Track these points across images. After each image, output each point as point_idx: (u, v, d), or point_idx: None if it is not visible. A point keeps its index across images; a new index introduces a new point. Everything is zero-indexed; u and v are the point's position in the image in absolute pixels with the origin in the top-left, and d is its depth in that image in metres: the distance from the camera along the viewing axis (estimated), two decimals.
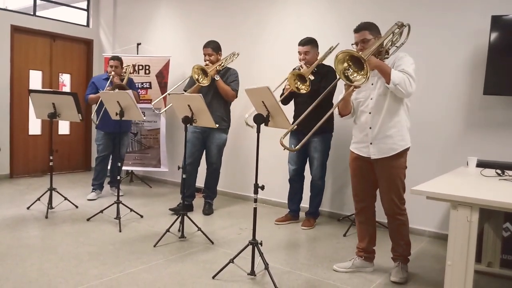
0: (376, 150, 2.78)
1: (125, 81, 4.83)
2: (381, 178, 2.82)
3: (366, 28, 2.78)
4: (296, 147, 2.64)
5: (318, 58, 3.90)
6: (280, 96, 3.83)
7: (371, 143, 2.79)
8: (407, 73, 2.61)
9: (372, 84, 2.78)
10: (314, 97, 3.79)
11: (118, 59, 4.89)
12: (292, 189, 4.23)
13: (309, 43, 3.91)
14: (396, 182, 2.78)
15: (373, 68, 2.57)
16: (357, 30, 2.81)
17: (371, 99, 2.78)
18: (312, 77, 3.71)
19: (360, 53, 2.52)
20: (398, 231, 2.88)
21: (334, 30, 4.37)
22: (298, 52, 3.93)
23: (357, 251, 3.04)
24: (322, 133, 3.98)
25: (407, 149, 2.81)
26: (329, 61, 3.98)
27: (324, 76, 3.84)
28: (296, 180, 4.19)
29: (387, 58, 2.75)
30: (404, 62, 2.69)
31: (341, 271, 2.96)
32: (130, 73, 5.69)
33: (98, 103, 4.72)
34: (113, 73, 4.76)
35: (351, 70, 2.43)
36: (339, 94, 4.03)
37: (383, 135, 2.75)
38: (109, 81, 4.73)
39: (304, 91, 3.57)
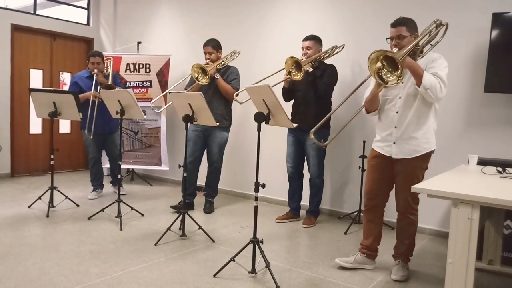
0: (398, 150, 2.75)
1: (110, 78, 4.66)
2: (399, 175, 2.80)
3: (404, 24, 2.69)
4: (326, 143, 2.58)
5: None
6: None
7: (394, 143, 2.76)
8: (439, 77, 2.57)
9: (403, 83, 2.72)
10: (311, 89, 3.88)
11: (99, 55, 4.71)
12: (292, 187, 4.23)
13: (312, 38, 3.96)
14: (414, 182, 2.68)
15: (405, 67, 2.52)
16: (394, 24, 2.72)
17: (400, 98, 2.74)
18: (310, 69, 3.80)
19: (395, 50, 2.47)
20: (406, 229, 2.88)
21: (335, 28, 4.37)
22: (301, 47, 3.98)
23: (361, 248, 3.04)
24: (318, 131, 3.99)
25: (432, 152, 2.77)
26: (333, 62, 4.03)
27: (323, 71, 3.91)
28: (294, 178, 4.18)
29: (422, 57, 2.68)
30: (437, 65, 2.63)
31: (343, 264, 2.96)
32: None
33: (95, 103, 4.52)
34: (96, 70, 4.58)
35: (385, 70, 2.37)
36: (339, 93, 4.08)
37: (408, 136, 2.72)
38: (94, 81, 4.51)
39: (295, 78, 3.68)
